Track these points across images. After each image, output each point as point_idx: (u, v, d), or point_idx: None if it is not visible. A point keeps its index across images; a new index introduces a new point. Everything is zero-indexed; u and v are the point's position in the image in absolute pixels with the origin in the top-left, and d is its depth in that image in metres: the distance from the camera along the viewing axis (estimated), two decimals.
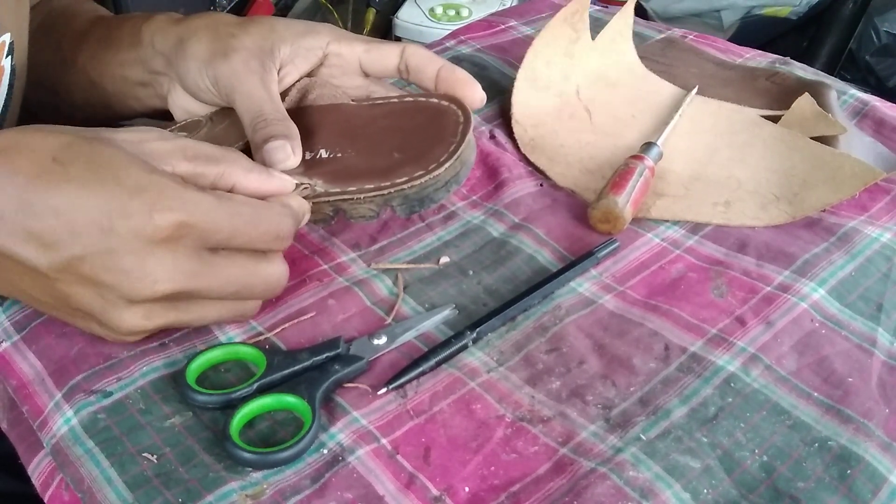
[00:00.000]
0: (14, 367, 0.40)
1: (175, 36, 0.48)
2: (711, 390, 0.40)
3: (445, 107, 0.48)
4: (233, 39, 0.46)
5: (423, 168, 0.45)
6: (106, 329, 0.38)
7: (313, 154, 0.47)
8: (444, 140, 0.46)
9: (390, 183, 0.44)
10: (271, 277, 0.40)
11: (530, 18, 0.75)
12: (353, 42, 0.50)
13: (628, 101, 0.62)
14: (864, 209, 0.53)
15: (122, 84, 0.52)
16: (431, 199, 0.46)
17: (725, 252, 0.49)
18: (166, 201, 0.35)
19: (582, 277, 0.47)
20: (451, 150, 0.45)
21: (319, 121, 0.49)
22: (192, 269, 0.36)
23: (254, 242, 0.38)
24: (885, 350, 0.43)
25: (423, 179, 0.44)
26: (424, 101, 0.49)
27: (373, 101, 0.50)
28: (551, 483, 0.36)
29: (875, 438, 0.38)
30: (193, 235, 0.35)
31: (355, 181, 0.45)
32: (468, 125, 0.47)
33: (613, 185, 0.50)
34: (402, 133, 0.47)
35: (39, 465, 0.37)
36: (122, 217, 0.34)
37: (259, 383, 0.38)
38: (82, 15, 0.57)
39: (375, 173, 0.45)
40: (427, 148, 0.46)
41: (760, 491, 0.36)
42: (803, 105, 0.58)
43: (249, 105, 0.45)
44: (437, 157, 0.45)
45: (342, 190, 0.45)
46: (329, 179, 0.45)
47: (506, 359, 0.42)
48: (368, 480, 0.35)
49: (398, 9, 1.44)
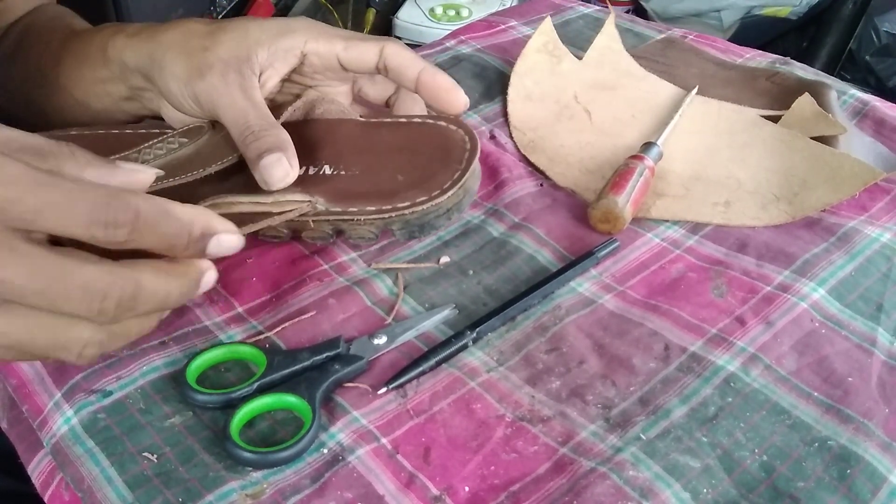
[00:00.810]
0: (14, 367, 0.40)
1: (146, 53, 0.46)
2: (711, 390, 0.40)
3: (453, 131, 0.48)
4: (206, 53, 0.45)
5: (427, 194, 0.44)
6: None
7: (317, 169, 0.46)
8: (450, 166, 0.45)
9: (392, 207, 0.44)
10: (94, 285, 0.30)
11: (530, 18, 0.75)
12: (331, 39, 0.47)
13: (628, 102, 0.62)
14: (864, 209, 0.53)
15: (107, 100, 0.51)
16: (432, 225, 0.46)
17: (725, 252, 0.49)
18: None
19: (582, 277, 0.47)
20: (455, 178, 0.45)
21: (325, 135, 0.49)
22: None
23: (66, 226, 0.29)
24: (885, 350, 0.43)
25: (426, 206, 0.44)
26: (433, 122, 0.49)
27: (380, 120, 0.50)
28: (551, 483, 0.36)
29: (875, 438, 0.38)
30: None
31: (357, 202, 0.44)
32: (474, 153, 0.46)
33: (613, 185, 0.50)
34: (408, 154, 0.47)
35: (39, 464, 0.37)
36: None
37: (259, 383, 0.38)
38: (59, 31, 0.55)
39: (377, 195, 0.45)
40: (431, 173, 0.45)
41: (760, 491, 0.36)
42: (803, 105, 0.58)
43: (235, 119, 0.44)
44: (441, 184, 0.44)
45: (343, 210, 0.44)
46: (330, 198, 0.45)
47: (506, 358, 0.42)
48: (368, 480, 0.35)
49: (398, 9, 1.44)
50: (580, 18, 0.76)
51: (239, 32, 0.45)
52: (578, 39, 0.71)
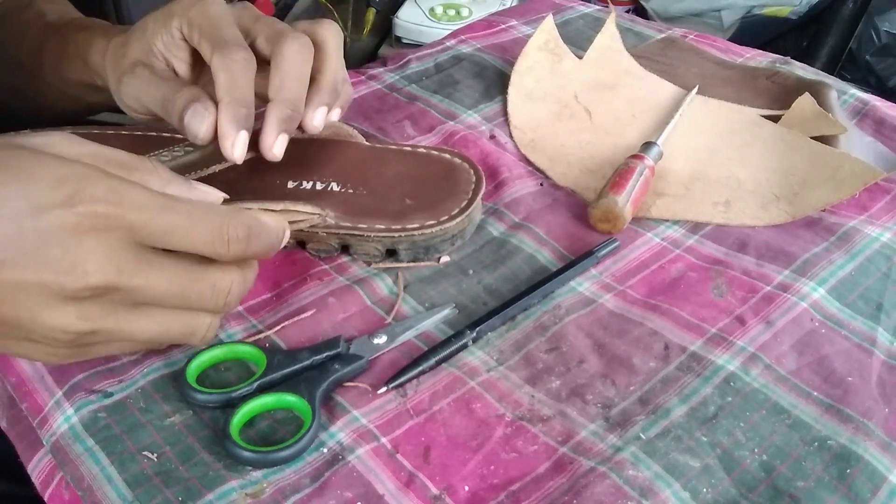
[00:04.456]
0: (13, 364, 0.40)
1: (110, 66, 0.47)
2: (711, 389, 0.40)
3: (458, 163, 0.50)
4: (123, 60, 0.45)
5: (435, 218, 0.46)
6: (40, 344, 0.34)
7: (325, 185, 0.47)
8: (457, 195, 0.47)
9: (401, 227, 0.45)
10: (221, 285, 0.36)
11: (530, 18, 0.75)
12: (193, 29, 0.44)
13: (628, 101, 0.62)
14: (864, 209, 0.53)
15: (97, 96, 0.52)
16: (436, 249, 0.47)
17: (725, 251, 0.49)
18: (90, 189, 0.31)
19: (582, 277, 0.47)
20: (462, 206, 0.47)
21: (333, 154, 0.50)
22: (125, 261, 0.32)
23: (193, 244, 0.34)
24: (885, 349, 0.43)
25: (434, 229, 0.45)
26: (437, 154, 0.51)
27: (385, 146, 0.51)
28: (551, 482, 0.36)
29: (875, 438, 0.38)
30: (123, 227, 0.32)
31: (366, 219, 0.46)
32: (480, 185, 0.48)
33: (613, 185, 0.50)
34: (414, 181, 0.48)
35: (39, 463, 0.37)
36: (43, 210, 0.31)
37: (259, 382, 0.38)
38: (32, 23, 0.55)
39: (386, 215, 0.46)
40: (439, 200, 0.47)
41: (760, 490, 0.36)
42: (803, 105, 0.58)
43: (155, 100, 0.43)
44: (449, 210, 0.46)
45: (353, 225, 0.45)
46: (340, 213, 0.46)
47: (506, 358, 0.42)
48: (368, 479, 0.35)
49: (398, 9, 1.44)
50: (580, 18, 0.76)
51: (140, 31, 0.45)
52: (579, 39, 0.71)
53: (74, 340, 0.33)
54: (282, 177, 0.48)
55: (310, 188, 0.47)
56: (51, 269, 0.31)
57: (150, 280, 0.33)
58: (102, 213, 0.31)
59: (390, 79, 0.65)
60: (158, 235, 0.33)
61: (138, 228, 0.32)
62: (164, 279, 0.34)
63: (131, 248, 0.33)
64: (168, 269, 0.34)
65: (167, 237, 0.33)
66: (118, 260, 0.32)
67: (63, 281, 0.31)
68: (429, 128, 0.59)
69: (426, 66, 0.67)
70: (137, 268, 0.33)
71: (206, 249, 0.34)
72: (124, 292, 0.33)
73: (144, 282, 0.33)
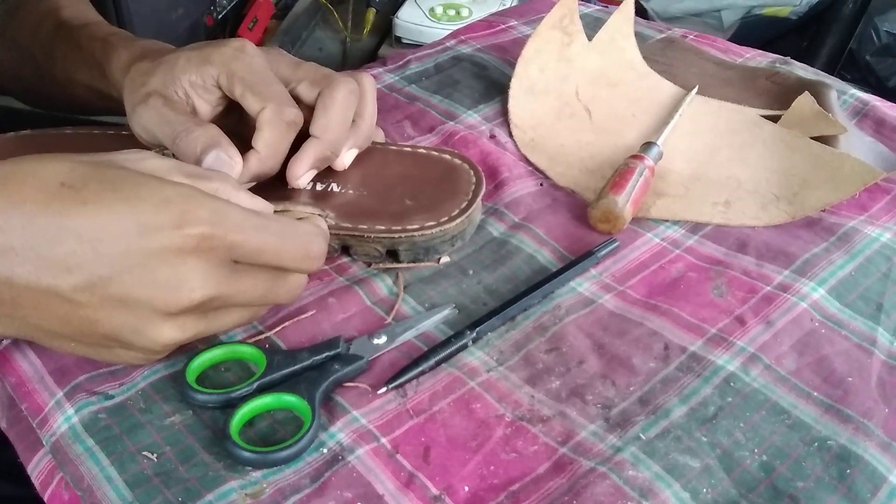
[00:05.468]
0: (13, 365, 0.40)
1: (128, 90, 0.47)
2: (711, 390, 0.40)
3: (458, 164, 0.50)
4: (141, 88, 0.45)
5: (435, 219, 0.46)
6: (134, 352, 0.36)
7: (325, 186, 0.48)
8: (457, 196, 0.48)
9: (401, 227, 0.45)
10: (293, 283, 0.39)
11: (530, 18, 0.75)
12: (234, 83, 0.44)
13: (629, 101, 0.62)
14: (864, 209, 0.53)
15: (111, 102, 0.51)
16: (436, 250, 0.47)
17: (725, 252, 0.49)
18: (195, 211, 0.34)
19: (582, 277, 0.47)
20: (462, 207, 0.47)
21: None
22: (222, 276, 0.35)
23: (282, 259, 0.37)
24: (885, 350, 0.43)
25: (434, 231, 0.45)
26: (437, 155, 0.51)
27: (385, 146, 0.51)
28: (551, 482, 0.36)
29: (874, 438, 0.38)
30: (224, 246, 0.35)
31: (367, 220, 0.46)
32: (480, 186, 0.48)
33: (613, 185, 0.50)
34: (415, 182, 0.48)
35: (39, 463, 0.37)
36: (150, 231, 0.33)
37: (259, 382, 0.38)
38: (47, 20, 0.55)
39: (387, 216, 0.46)
40: (439, 201, 0.47)
41: (760, 490, 0.36)
42: (803, 105, 0.58)
43: (164, 132, 0.43)
44: (449, 211, 0.46)
45: (353, 226, 0.45)
46: (341, 213, 0.46)
47: (505, 358, 0.42)
48: (368, 479, 0.35)
49: (398, 9, 1.44)
50: (580, 18, 0.76)
51: (169, 64, 0.45)
52: None
53: (168, 348, 0.36)
54: (282, 178, 0.48)
55: (310, 189, 0.47)
56: (159, 288, 0.34)
57: (241, 288, 0.36)
58: (208, 234, 0.34)
59: (390, 79, 0.65)
60: (253, 254, 0.36)
61: (236, 247, 0.35)
62: (251, 286, 0.37)
63: (227, 263, 0.35)
64: (255, 276, 0.37)
65: (259, 255, 0.36)
66: (217, 275, 0.35)
67: (170, 299, 0.34)
68: (429, 128, 0.59)
69: (426, 67, 0.67)
70: (231, 279, 0.36)
71: (293, 266, 0.38)
72: (219, 301, 0.36)
73: (236, 291, 0.36)
